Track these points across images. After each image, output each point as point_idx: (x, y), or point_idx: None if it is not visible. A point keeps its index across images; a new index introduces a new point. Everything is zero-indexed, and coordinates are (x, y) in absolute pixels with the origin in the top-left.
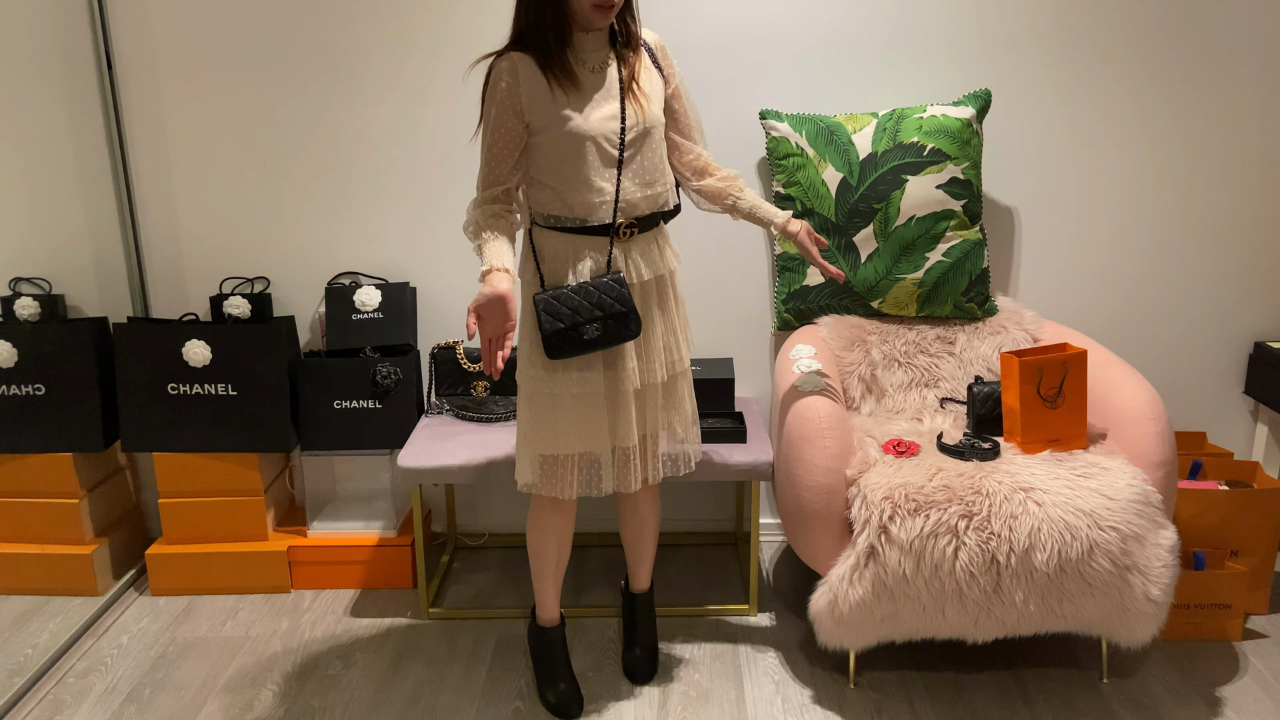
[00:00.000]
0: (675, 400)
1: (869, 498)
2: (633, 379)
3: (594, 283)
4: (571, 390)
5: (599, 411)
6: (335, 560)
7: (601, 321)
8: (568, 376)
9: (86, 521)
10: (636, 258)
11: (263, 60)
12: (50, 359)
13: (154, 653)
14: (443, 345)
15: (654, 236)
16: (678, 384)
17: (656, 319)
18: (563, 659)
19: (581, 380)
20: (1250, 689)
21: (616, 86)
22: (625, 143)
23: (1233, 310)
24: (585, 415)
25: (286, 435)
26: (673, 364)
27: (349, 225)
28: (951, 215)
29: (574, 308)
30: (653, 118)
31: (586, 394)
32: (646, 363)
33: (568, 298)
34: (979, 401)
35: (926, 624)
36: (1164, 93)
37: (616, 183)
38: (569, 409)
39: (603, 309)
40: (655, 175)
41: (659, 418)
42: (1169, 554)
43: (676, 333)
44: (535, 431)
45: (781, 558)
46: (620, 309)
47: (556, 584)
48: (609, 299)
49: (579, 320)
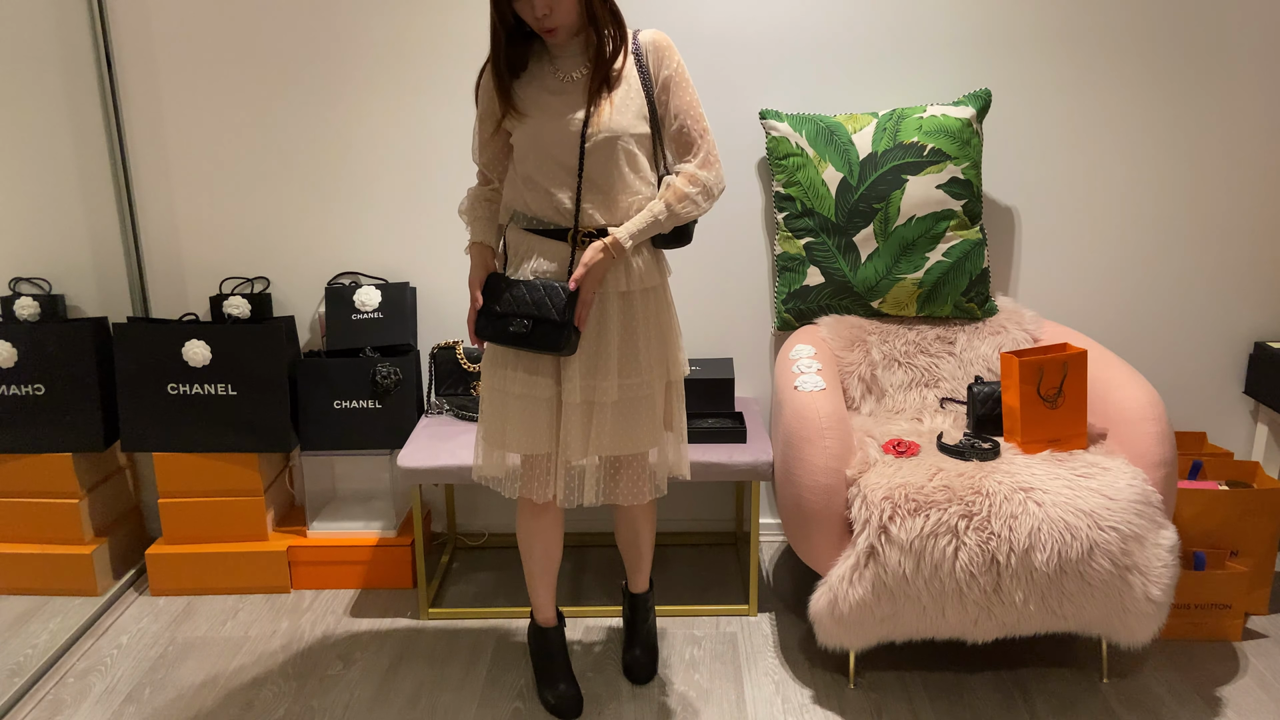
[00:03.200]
0: (630, 422)
1: (869, 498)
2: (573, 393)
3: (542, 283)
4: (515, 390)
5: (541, 418)
6: (335, 560)
7: (534, 321)
8: (514, 376)
9: (86, 521)
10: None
11: (263, 60)
12: (50, 359)
13: (154, 653)
14: (443, 345)
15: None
16: (637, 406)
17: (613, 335)
18: (561, 659)
19: (527, 383)
20: (1250, 689)
21: (584, 96)
22: (585, 151)
23: (1233, 310)
24: (528, 418)
25: (286, 435)
26: (634, 385)
27: (349, 225)
28: (951, 215)
29: (513, 297)
30: (617, 127)
31: (531, 397)
32: (596, 379)
33: (512, 285)
34: (979, 401)
35: (926, 624)
36: (1164, 92)
37: (577, 190)
38: (514, 409)
39: (538, 310)
40: (618, 186)
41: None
42: (1169, 554)
43: (638, 353)
44: (485, 423)
45: (781, 558)
46: (554, 318)
47: (546, 585)
48: (548, 303)
49: (510, 311)
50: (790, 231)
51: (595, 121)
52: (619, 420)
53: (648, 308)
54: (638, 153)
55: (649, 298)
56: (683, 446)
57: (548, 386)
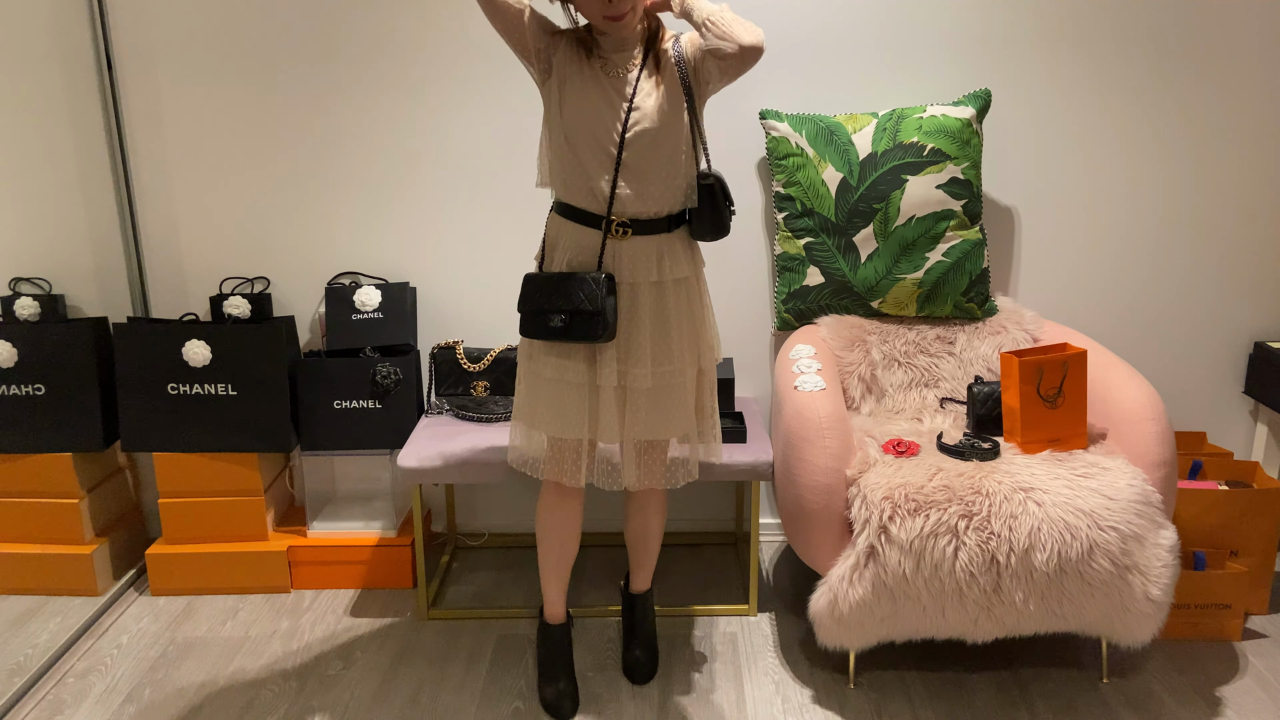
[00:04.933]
0: (664, 408)
1: (869, 498)
2: (610, 377)
3: (575, 275)
4: (547, 374)
5: (574, 402)
6: (335, 560)
7: (569, 315)
8: (547, 361)
9: (86, 521)
10: (628, 259)
11: (263, 60)
12: (50, 359)
13: (154, 653)
14: (443, 345)
15: (659, 242)
16: (670, 393)
17: (646, 324)
18: (564, 658)
19: (559, 368)
20: (1250, 689)
21: (630, 89)
22: (624, 143)
23: (1233, 310)
24: (561, 402)
25: (286, 435)
26: (667, 374)
27: (349, 225)
28: (951, 215)
29: (548, 293)
30: (658, 121)
31: (563, 382)
32: (629, 365)
33: (546, 282)
34: (979, 401)
35: (926, 624)
36: (1164, 92)
37: (612, 182)
38: (548, 392)
39: (572, 303)
40: (655, 179)
41: (645, 424)
42: (1169, 554)
43: (670, 342)
44: (520, 405)
45: (781, 558)
46: (588, 308)
47: (559, 579)
48: (580, 295)
49: (546, 308)
50: (790, 231)
51: (639, 116)
52: (652, 406)
53: (679, 297)
54: (678, 144)
55: (681, 288)
56: (716, 431)
57: (580, 372)
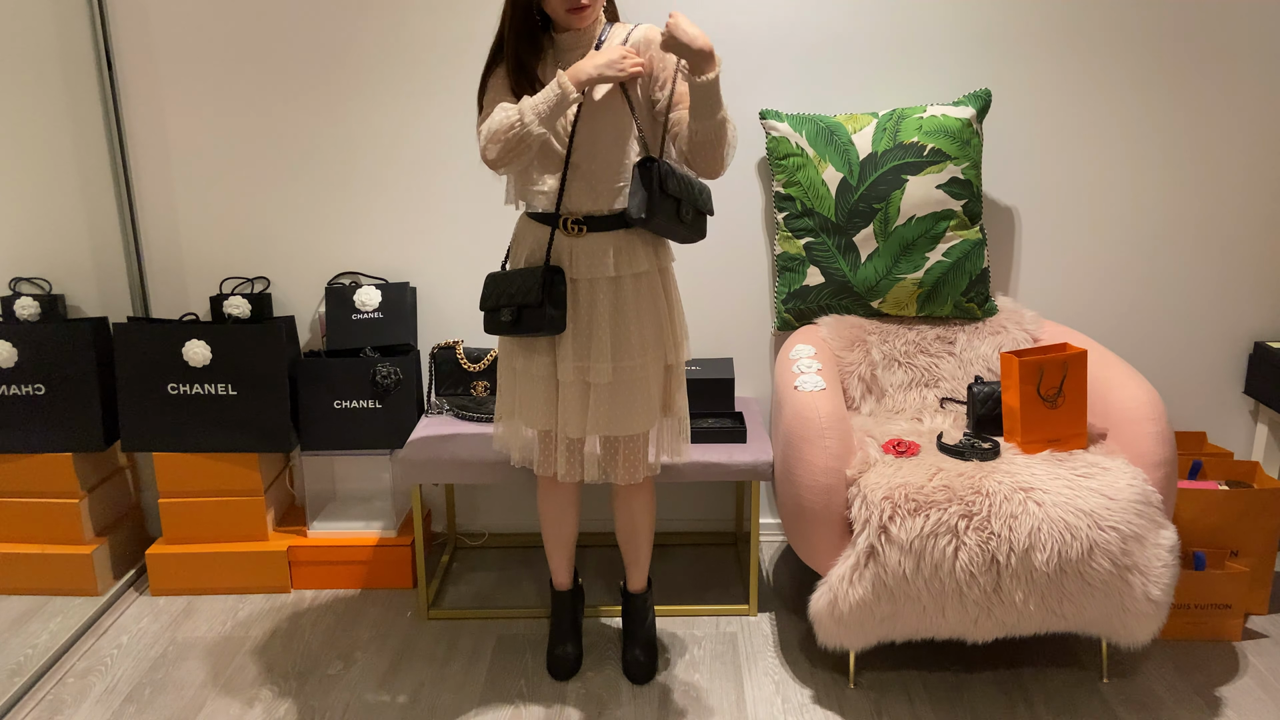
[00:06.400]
0: (626, 404)
1: (869, 498)
2: (567, 372)
3: (519, 270)
4: (518, 365)
5: (540, 395)
6: (335, 560)
7: (516, 309)
8: (517, 353)
9: (86, 521)
10: (585, 256)
11: (263, 60)
12: (50, 359)
13: (154, 653)
14: (443, 345)
15: (615, 238)
16: (632, 389)
17: (605, 320)
18: (569, 622)
19: (527, 360)
20: (1250, 689)
21: None
22: (572, 142)
23: (1233, 310)
24: (530, 395)
25: (286, 435)
26: (628, 369)
27: (349, 225)
28: (951, 215)
29: (500, 290)
30: (600, 118)
31: (530, 375)
32: (590, 360)
33: (500, 279)
34: (979, 401)
35: (926, 624)
36: (1164, 92)
37: (561, 178)
38: (521, 384)
39: (514, 298)
40: (604, 176)
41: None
42: (1169, 554)
43: (630, 336)
44: (500, 396)
45: (781, 558)
46: (528, 300)
47: (562, 554)
48: (524, 289)
49: (498, 304)
50: (790, 231)
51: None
52: (614, 402)
53: (639, 292)
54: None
55: (642, 282)
56: (683, 431)
57: (544, 365)
